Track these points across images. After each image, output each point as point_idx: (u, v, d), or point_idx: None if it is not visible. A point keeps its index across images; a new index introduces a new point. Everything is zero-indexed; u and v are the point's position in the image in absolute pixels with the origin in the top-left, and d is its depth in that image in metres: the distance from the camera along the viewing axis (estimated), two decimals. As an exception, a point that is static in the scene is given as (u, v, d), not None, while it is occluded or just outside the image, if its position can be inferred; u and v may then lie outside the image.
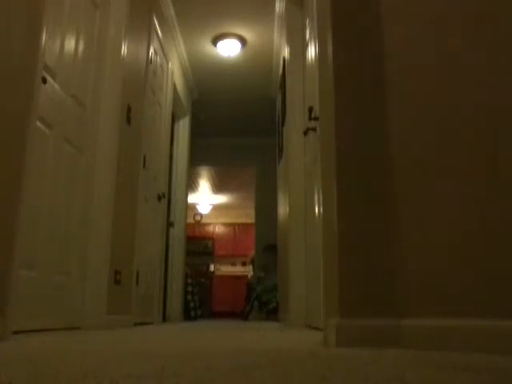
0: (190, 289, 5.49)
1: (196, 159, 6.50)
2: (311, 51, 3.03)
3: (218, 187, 10.02)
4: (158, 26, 3.91)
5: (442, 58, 1.60)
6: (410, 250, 1.46)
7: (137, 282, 3.28)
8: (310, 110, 2.79)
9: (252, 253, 7.96)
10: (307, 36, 3.34)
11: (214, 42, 4.86)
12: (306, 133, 2.98)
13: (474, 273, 1.42)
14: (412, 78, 1.59)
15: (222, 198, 10.84)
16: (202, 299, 6.45)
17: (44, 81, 1.99)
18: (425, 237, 1.47)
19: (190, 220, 10.49)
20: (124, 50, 2.89)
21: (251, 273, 7.65)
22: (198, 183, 9.68)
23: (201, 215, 11.41)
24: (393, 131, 1.55)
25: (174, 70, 4.74)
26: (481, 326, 1.34)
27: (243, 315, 6.06)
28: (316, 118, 2.62)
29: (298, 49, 3.64)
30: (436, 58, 1.60)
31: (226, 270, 11.01)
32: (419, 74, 1.60)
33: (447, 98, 1.56)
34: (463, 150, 1.51)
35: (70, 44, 2.37)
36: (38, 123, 1.98)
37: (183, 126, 5.54)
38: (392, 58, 1.61)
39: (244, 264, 10.97)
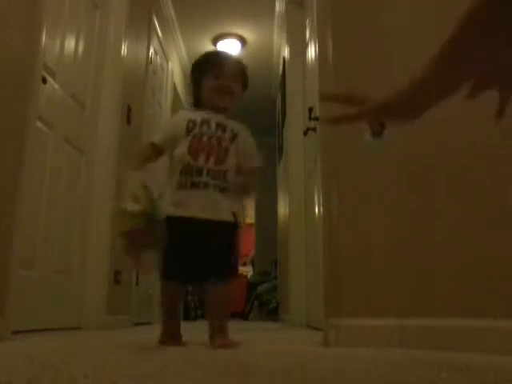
0: (189, 289, 5.48)
1: (196, 159, 6.47)
2: (311, 51, 3.02)
3: (217, 187, 9.98)
4: (158, 26, 3.90)
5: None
6: (410, 249, 1.46)
7: (137, 282, 3.28)
8: (310, 110, 2.79)
9: (252, 253, 7.94)
10: (307, 36, 3.34)
11: (214, 42, 4.86)
12: (305, 133, 2.97)
13: (475, 273, 1.42)
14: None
15: (221, 198, 10.80)
16: (202, 299, 6.43)
17: (44, 81, 1.99)
18: (425, 237, 1.47)
19: (190, 220, 10.45)
20: (124, 49, 2.88)
21: (251, 273, 7.63)
22: (197, 183, 9.65)
23: (201, 215, 11.38)
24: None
25: (174, 70, 4.74)
26: (481, 326, 1.33)
27: (243, 315, 6.05)
28: (316, 118, 2.62)
29: (298, 49, 3.63)
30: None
31: (225, 270, 10.98)
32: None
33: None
34: (465, 150, 1.52)
35: (69, 44, 2.37)
36: (38, 123, 1.98)
37: (183, 126, 5.53)
38: (392, 57, 1.61)
39: (244, 264, 10.96)
